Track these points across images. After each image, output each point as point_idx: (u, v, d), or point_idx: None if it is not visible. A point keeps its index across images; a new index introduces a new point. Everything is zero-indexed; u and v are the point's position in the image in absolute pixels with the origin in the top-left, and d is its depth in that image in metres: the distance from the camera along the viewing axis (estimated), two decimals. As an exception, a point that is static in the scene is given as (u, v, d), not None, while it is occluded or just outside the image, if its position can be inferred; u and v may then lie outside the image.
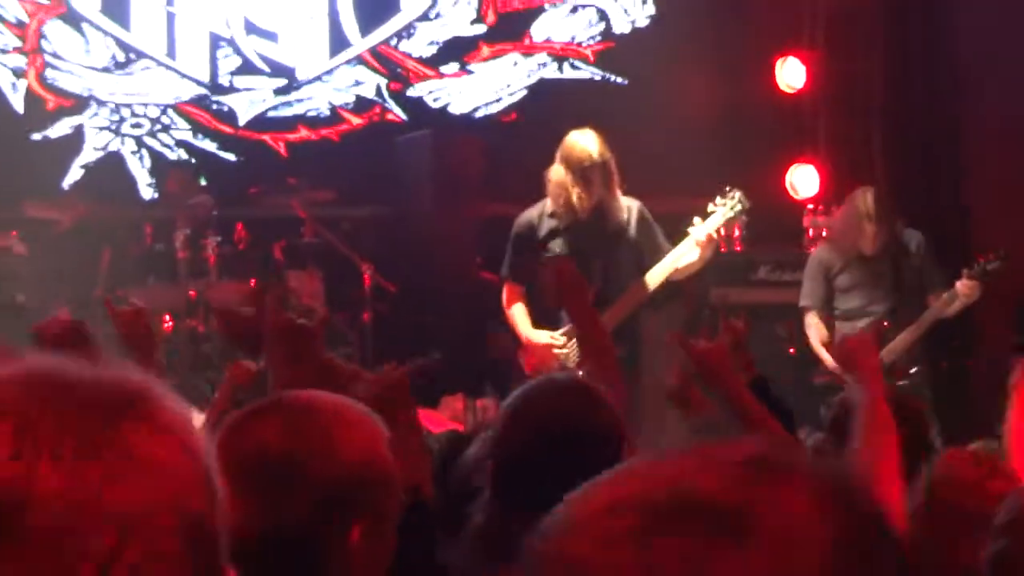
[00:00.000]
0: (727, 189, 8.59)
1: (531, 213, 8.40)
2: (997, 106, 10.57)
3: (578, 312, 5.28)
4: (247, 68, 11.33)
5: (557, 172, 8.26)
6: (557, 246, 8.25)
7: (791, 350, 9.57)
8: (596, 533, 1.39)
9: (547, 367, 8.06)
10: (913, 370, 8.67)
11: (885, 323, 8.94)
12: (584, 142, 8.29)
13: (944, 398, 8.98)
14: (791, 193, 10.99)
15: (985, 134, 10.68)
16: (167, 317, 9.98)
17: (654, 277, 8.17)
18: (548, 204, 8.30)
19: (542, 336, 8.22)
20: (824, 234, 9.87)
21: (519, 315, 8.32)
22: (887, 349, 8.82)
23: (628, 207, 8.34)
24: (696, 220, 8.32)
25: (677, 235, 8.37)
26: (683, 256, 8.19)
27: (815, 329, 9.12)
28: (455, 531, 4.55)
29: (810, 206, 10.79)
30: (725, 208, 8.47)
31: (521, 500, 3.32)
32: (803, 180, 11.02)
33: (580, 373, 7.60)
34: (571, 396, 3.59)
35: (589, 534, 1.39)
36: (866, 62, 11.13)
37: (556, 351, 8.19)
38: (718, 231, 8.43)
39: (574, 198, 8.21)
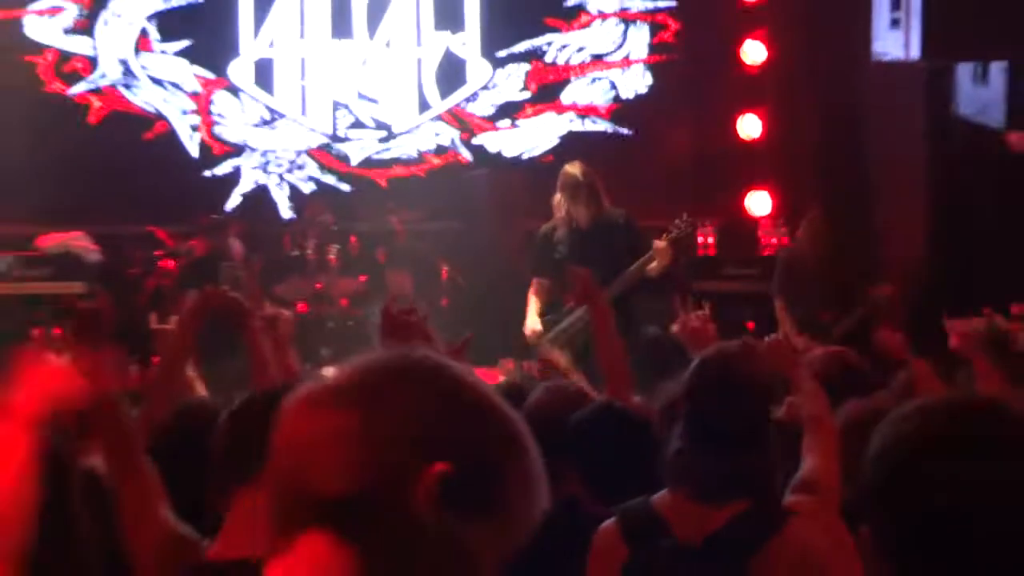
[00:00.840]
0: (682, 216, 8.51)
1: (547, 226, 8.45)
2: (892, 148, 10.62)
3: (595, 309, 5.09)
4: (358, 124, 11.39)
5: (556, 196, 8.34)
6: (563, 248, 8.29)
7: (750, 325, 9.58)
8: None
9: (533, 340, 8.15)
10: None
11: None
12: (570, 169, 8.37)
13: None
14: (749, 212, 11.02)
15: (886, 168, 10.71)
16: (303, 304, 10.03)
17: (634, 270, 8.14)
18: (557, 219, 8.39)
19: (529, 320, 8.27)
20: (781, 240, 9.84)
21: (531, 303, 8.38)
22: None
23: (617, 215, 8.36)
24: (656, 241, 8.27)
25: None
26: (650, 260, 8.14)
27: (782, 314, 9.12)
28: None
29: (763, 221, 10.85)
30: (676, 231, 8.40)
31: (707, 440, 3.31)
32: (758, 203, 11.06)
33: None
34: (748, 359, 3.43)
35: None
36: (802, 116, 11.19)
37: (532, 332, 8.24)
38: (672, 243, 8.27)
39: (568, 211, 8.27)
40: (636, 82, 11.48)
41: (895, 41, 9.79)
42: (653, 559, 3.25)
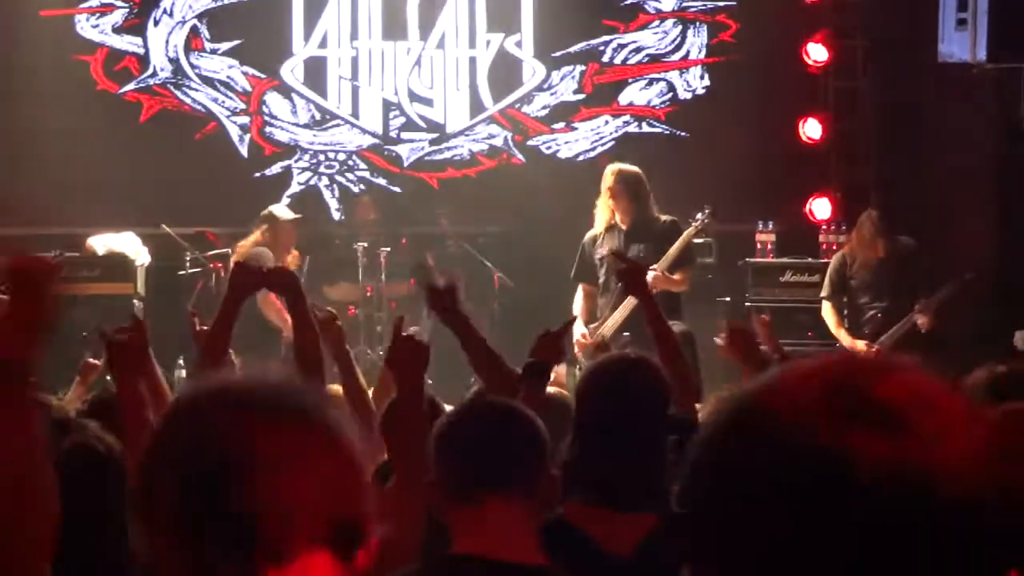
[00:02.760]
0: (701, 210, 8.45)
1: (592, 230, 8.40)
2: (957, 152, 10.50)
3: (646, 304, 5.09)
4: (410, 125, 11.38)
5: (600, 195, 8.30)
6: (602, 251, 8.24)
7: (809, 333, 9.50)
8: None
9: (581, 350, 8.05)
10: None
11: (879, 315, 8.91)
12: (611, 169, 8.31)
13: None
14: (810, 217, 10.92)
15: (951, 174, 10.60)
16: (352, 308, 10.03)
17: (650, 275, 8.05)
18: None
19: (576, 329, 8.14)
20: (843, 244, 9.77)
21: (576, 308, 8.30)
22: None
23: (663, 220, 8.28)
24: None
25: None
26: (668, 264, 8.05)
27: (831, 315, 9.08)
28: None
29: (824, 227, 10.74)
30: (695, 223, 8.29)
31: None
32: (819, 208, 10.95)
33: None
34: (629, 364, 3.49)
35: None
36: (864, 120, 11.08)
37: (579, 343, 8.13)
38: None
39: (610, 210, 8.20)
40: (694, 83, 11.41)
41: (961, 42, 9.65)
42: (585, 574, 3.20)
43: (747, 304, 9.73)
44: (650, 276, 7.95)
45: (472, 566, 2.85)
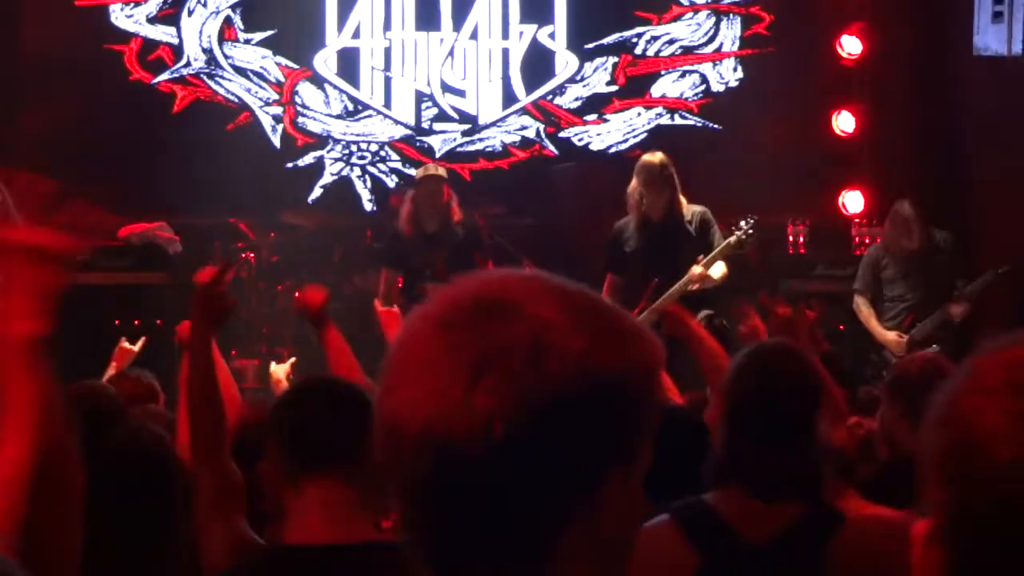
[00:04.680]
0: (746, 219, 8.25)
1: (622, 221, 8.36)
2: (992, 146, 10.44)
3: (690, 341, 5.01)
4: (442, 116, 11.39)
5: (633, 183, 8.22)
6: (633, 243, 8.20)
7: (840, 327, 9.49)
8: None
9: None
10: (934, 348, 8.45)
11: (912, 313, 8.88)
12: (648, 158, 8.24)
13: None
14: (843, 211, 10.89)
15: (986, 166, 10.54)
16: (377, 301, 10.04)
17: (695, 270, 8.01)
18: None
19: None
20: (875, 239, 9.74)
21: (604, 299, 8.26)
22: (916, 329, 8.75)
23: (693, 212, 8.24)
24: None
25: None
26: (713, 263, 7.98)
27: (863, 307, 9.06)
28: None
29: (856, 220, 10.71)
30: (738, 233, 8.19)
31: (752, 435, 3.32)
32: (852, 201, 10.92)
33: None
34: (784, 354, 3.45)
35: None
36: (898, 113, 11.03)
37: None
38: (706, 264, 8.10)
39: (643, 202, 8.14)
40: (727, 74, 11.39)
41: (997, 36, 9.62)
42: (729, 562, 3.21)
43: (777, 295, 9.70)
44: (695, 271, 7.96)
45: (291, 554, 2.85)
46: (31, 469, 1.68)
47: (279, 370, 5.93)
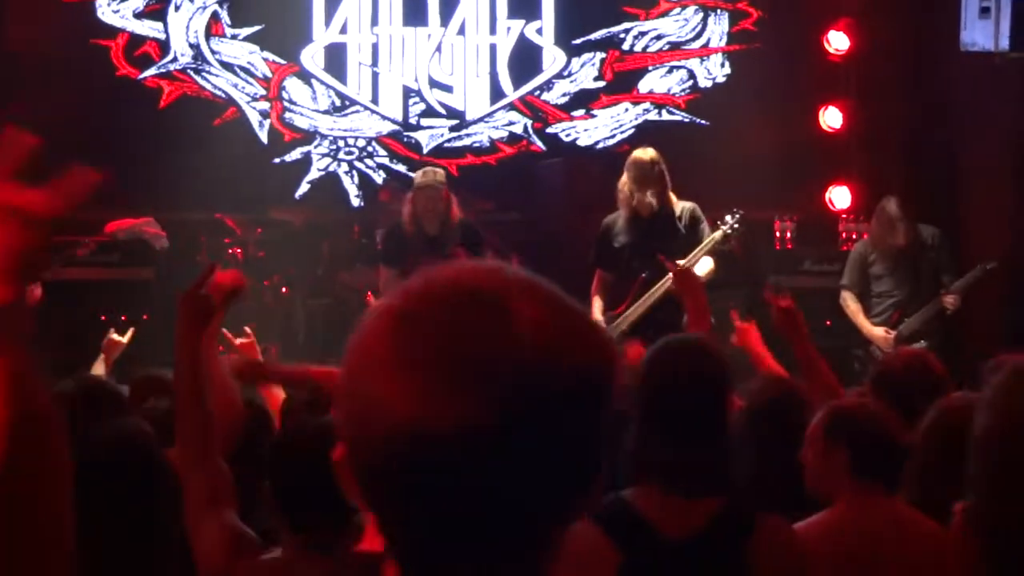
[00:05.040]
0: (731, 213, 8.22)
1: (611, 216, 8.34)
2: (979, 142, 10.46)
3: (693, 304, 5.11)
4: (430, 112, 11.38)
5: (623, 179, 8.21)
6: (622, 238, 8.19)
7: (827, 323, 9.49)
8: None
9: None
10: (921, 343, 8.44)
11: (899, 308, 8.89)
12: (639, 154, 8.22)
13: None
14: (829, 206, 10.90)
15: (973, 162, 10.56)
16: (370, 294, 10.04)
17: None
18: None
19: (594, 313, 8.13)
20: (862, 235, 9.74)
21: (595, 295, 8.28)
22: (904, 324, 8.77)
23: (683, 207, 8.22)
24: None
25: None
26: (695, 262, 7.93)
27: (850, 303, 9.07)
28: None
29: (843, 216, 10.72)
30: (724, 227, 8.17)
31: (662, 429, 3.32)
32: (839, 196, 10.94)
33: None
34: (696, 349, 3.45)
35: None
36: (886, 108, 11.04)
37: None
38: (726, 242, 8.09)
39: (633, 197, 8.13)
40: (714, 71, 11.39)
41: (984, 31, 9.62)
42: (650, 559, 3.23)
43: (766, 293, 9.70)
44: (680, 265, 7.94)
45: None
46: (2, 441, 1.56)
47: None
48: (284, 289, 10.16)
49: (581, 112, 11.37)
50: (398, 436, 1.23)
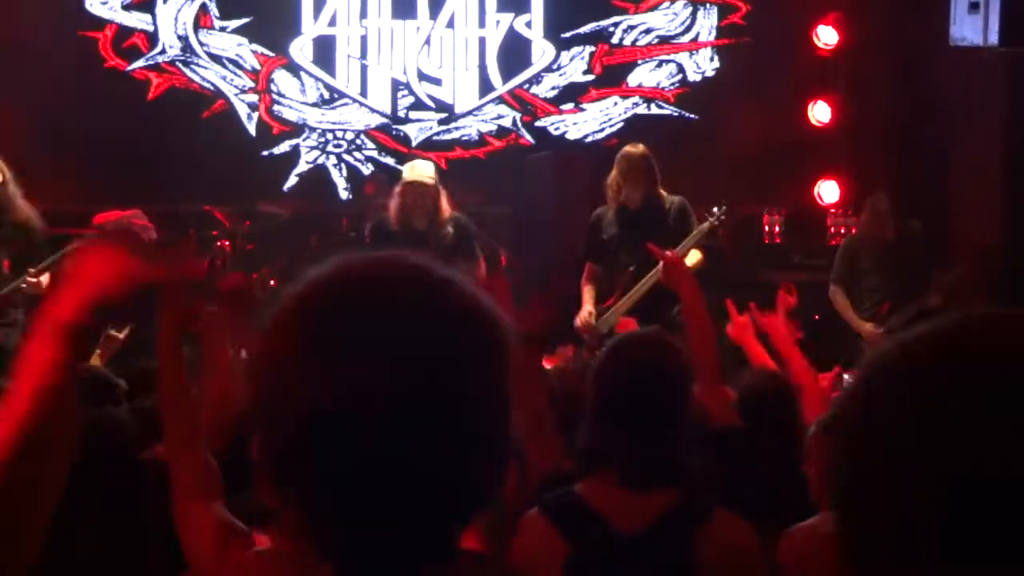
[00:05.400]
0: (718, 206, 8.24)
1: (601, 209, 8.35)
2: (968, 137, 10.47)
3: (686, 294, 5.14)
4: (418, 105, 11.37)
5: (612, 173, 8.22)
6: (611, 231, 8.19)
7: (816, 316, 9.49)
8: None
9: (585, 330, 8.03)
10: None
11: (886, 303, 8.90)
12: (629, 148, 8.23)
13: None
14: (818, 201, 10.91)
15: (962, 157, 10.57)
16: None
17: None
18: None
19: (585, 306, 8.15)
20: (851, 229, 9.75)
21: (585, 288, 8.27)
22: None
23: (672, 201, 8.23)
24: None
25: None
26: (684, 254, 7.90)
27: (839, 299, 9.08)
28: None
29: (832, 210, 10.74)
30: (711, 219, 8.16)
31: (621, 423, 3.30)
32: (827, 191, 10.95)
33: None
34: (653, 345, 3.42)
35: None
36: (875, 103, 11.06)
37: (585, 319, 8.11)
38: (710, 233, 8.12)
39: (622, 191, 8.14)
40: (703, 65, 11.39)
41: (973, 26, 9.62)
42: (598, 552, 3.22)
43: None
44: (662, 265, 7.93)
45: None
46: (21, 432, 1.77)
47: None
48: (272, 282, 10.14)
49: (570, 106, 11.36)
50: (303, 420, 1.26)
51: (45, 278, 8.44)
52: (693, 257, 8.05)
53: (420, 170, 8.73)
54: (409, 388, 1.26)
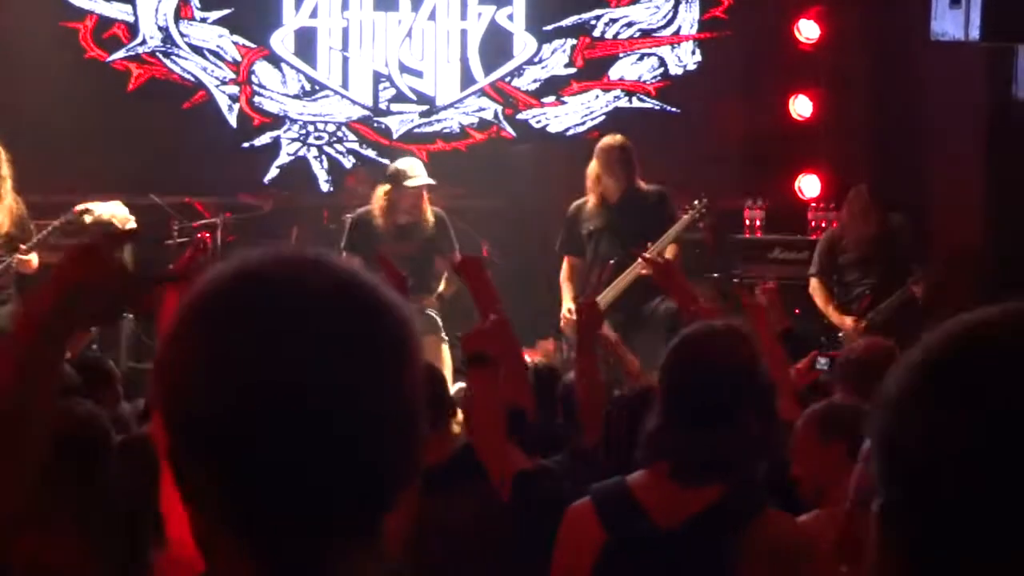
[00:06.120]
0: (698, 199, 8.22)
1: (579, 201, 8.34)
2: (949, 131, 10.49)
3: (678, 293, 5.14)
4: (400, 97, 11.34)
5: (591, 165, 8.21)
6: (591, 224, 8.18)
7: (796, 311, 9.48)
8: None
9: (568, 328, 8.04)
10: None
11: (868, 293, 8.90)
12: (608, 140, 8.23)
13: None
14: (799, 194, 10.91)
15: (943, 152, 10.59)
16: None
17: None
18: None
19: (565, 303, 8.15)
20: (832, 223, 9.75)
21: (566, 285, 8.26)
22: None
23: (651, 193, 8.22)
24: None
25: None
26: (663, 248, 7.90)
27: (820, 292, 9.08)
28: (552, 444, 4.52)
29: (813, 204, 10.73)
30: (692, 212, 8.15)
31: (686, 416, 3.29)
32: (808, 185, 10.94)
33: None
34: (721, 338, 3.37)
35: None
36: (855, 98, 11.06)
37: (568, 317, 8.11)
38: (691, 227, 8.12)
39: (601, 183, 8.13)
40: (685, 59, 11.37)
41: (954, 21, 9.63)
42: (630, 543, 3.22)
43: (734, 280, 9.72)
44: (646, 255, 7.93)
45: None
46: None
47: None
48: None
49: (552, 99, 11.34)
50: (205, 417, 1.29)
51: (34, 256, 8.62)
52: (669, 251, 8.05)
53: (422, 171, 8.72)
54: (310, 384, 1.28)
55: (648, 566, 3.21)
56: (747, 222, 10.44)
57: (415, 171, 8.72)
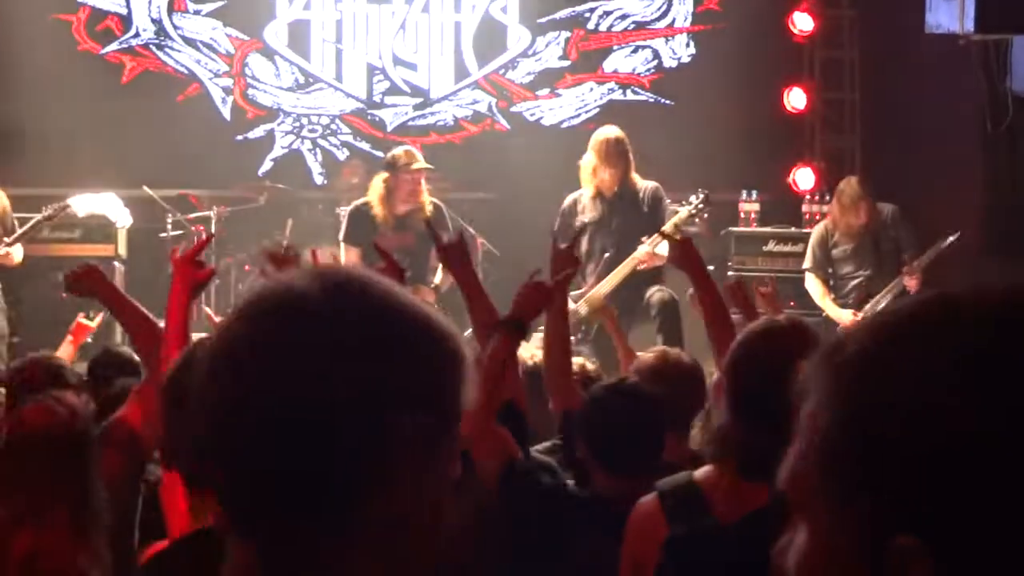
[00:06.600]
0: (696, 193, 8.22)
1: (575, 193, 8.32)
2: (943, 123, 10.49)
3: (696, 274, 5.01)
4: (394, 90, 11.32)
5: (586, 157, 8.18)
6: (585, 216, 8.16)
7: (792, 303, 9.46)
8: None
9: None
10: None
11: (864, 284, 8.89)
12: (605, 131, 8.20)
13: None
14: (793, 187, 10.89)
15: (937, 144, 10.58)
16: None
17: (642, 250, 7.95)
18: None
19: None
20: (825, 214, 9.74)
21: None
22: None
23: (646, 187, 8.20)
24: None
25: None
26: (659, 243, 7.87)
27: (815, 286, 9.06)
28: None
29: (807, 196, 10.72)
30: (689, 207, 8.13)
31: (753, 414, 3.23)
32: (802, 177, 10.93)
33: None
34: (788, 335, 3.27)
35: None
36: (849, 90, 11.06)
37: None
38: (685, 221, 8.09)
39: (596, 176, 8.11)
40: (679, 51, 11.36)
41: (949, 13, 9.61)
42: (694, 536, 3.23)
43: (730, 273, 9.71)
44: (641, 251, 7.92)
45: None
46: None
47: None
48: (247, 267, 10.08)
49: (546, 91, 11.32)
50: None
51: (17, 249, 8.58)
52: (663, 245, 8.02)
53: (419, 157, 8.73)
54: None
55: (708, 561, 3.22)
56: (741, 215, 10.42)
57: (412, 157, 8.71)
